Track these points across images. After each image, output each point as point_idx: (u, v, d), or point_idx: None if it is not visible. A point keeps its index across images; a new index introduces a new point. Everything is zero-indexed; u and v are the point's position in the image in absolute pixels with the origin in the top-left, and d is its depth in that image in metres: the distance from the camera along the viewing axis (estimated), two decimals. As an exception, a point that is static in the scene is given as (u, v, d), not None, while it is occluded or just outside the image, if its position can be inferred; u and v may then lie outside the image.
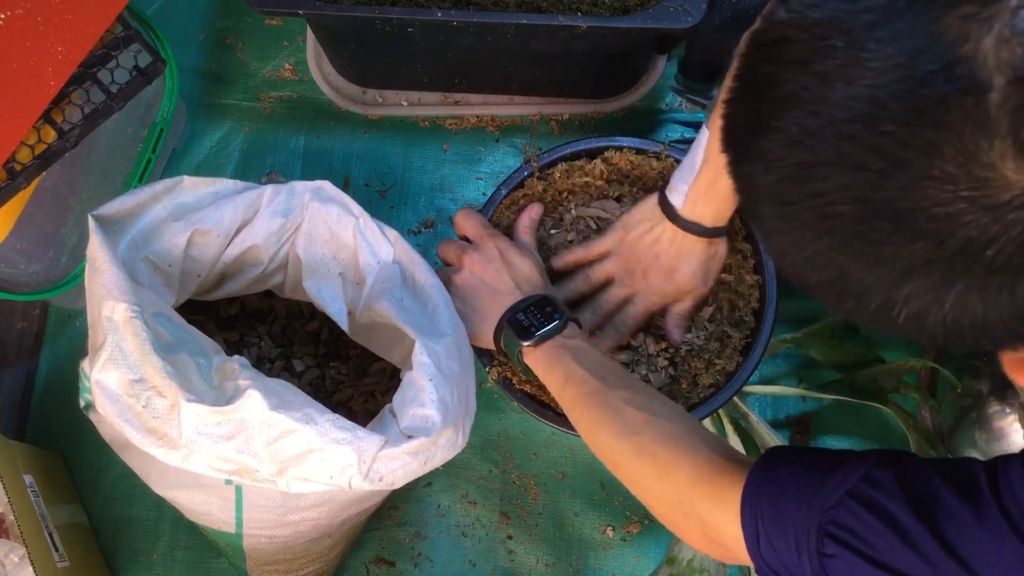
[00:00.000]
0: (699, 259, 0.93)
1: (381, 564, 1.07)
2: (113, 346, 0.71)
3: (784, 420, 1.12)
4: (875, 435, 1.11)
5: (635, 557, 1.07)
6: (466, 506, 1.09)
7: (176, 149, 1.23)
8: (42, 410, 1.13)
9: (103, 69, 0.93)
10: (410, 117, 1.26)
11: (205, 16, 1.31)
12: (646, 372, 0.97)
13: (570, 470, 1.10)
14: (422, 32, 1.07)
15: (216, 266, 0.88)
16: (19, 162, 0.89)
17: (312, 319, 1.07)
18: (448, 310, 0.88)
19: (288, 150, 1.25)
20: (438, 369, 0.79)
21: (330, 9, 1.04)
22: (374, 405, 1.02)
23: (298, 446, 0.72)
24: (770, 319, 0.95)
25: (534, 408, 0.93)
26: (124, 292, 0.73)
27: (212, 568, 1.07)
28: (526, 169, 1.01)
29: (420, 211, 1.22)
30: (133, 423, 0.71)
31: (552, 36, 1.06)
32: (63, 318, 1.17)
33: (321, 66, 1.27)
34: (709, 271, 0.95)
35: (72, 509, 1.05)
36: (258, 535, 0.86)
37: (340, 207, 0.89)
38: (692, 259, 0.93)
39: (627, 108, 1.26)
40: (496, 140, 1.25)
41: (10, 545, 0.88)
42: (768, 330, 0.94)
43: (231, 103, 1.27)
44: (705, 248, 0.92)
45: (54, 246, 1.01)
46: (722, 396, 0.93)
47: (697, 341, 0.98)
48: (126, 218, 0.82)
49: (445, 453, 0.78)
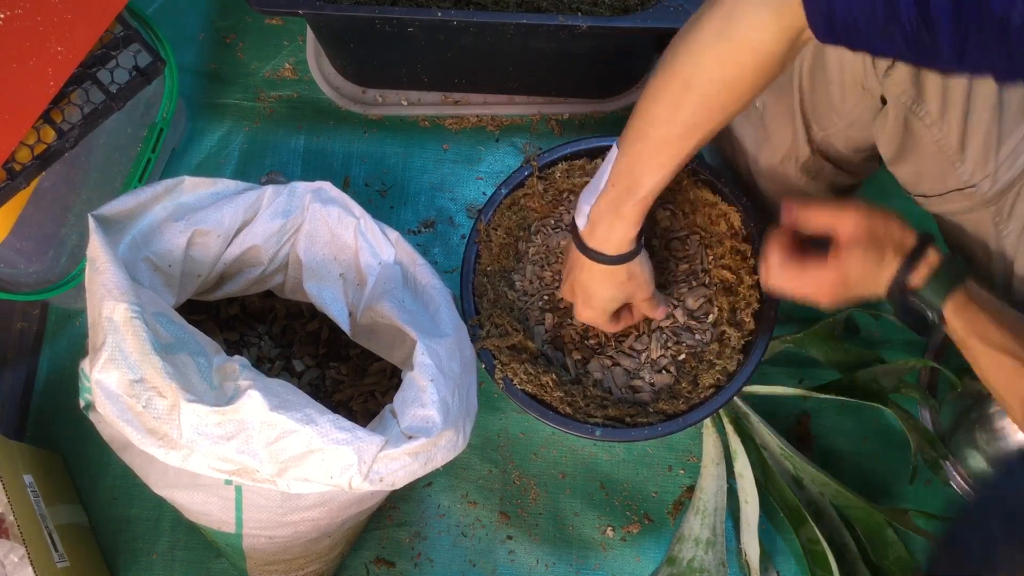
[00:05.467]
0: (614, 283, 0.88)
1: (381, 564, 1.07)
2: (113, 346, 0.71)
3: (784, 420, 1.12)
4: (875, 435, 1.11)
5: (635, 557, 1.07)
6: (466, 506, 1.09)
7: (176, 149, 1.23)
8: (42, 410, 1.13)
9: (103, 69, 0.93)
10: (410, 117, 1.26)
11: (205, 16, 1.31)
12: (649, 373, 0.97)
13: (570, 470, 1.10)
14: (422, 32, 1.07)
15: (216, 266, 0.88)
16: (19, 162, 0.89)
17: (312, 319, 1.07)
18: (449, 310, 0.88)
19: (288, 150, 1.25)
20: (439, 370, 0.79)
21: (330, 9, 1.04)
22: (374, 405, 1.02)
23: (298, 446, 0.72)
24: (770, 319, 0.95)
25: (534, 408, 0.93)
26: (124, 292, 0.73)
27: (212, 568, 1.07)
28: (526, 169, 1.01)
29: (420, 211, 1.22)
30: (133, 423, 0.71)
31: (552, 36, 1.06)
32: (63, 318, 1.17)
33: (321, 66, 1.27)
34: (631, 291, 0.90)
35: (72, 509, 1.05)
36: (258, 535, 0.86)
37: (341, 208, 0.89)
38: (606, 286, 0.88)
39: (627, 108, 1.25)
40: (496, 140, 1.25)
41: (10, 545, 0.88)
42: (768, 330, 0.94)
43: (231, 103, 1.27)
44: (614, 274, 0.87)
45: (54, 246, 1.01)
46: (723, 396, 0.93)
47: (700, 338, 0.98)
48: (126, 218, 0.82)
49: (446, 454, 0.78)
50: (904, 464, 1.08)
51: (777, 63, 0.70)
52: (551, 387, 0.93)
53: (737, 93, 0.73)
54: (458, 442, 0.79)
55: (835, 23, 0.62)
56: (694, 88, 0.73)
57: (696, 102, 0.74)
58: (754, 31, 0.68)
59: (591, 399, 0.95)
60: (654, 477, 1.10)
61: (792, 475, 1.06)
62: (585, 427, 0.92)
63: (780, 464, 1.07)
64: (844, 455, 1.10)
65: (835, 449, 1.11)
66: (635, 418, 0.93)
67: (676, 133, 0.76)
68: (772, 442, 1.07)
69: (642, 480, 1.10)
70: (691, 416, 0.93)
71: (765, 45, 0.69)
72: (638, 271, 0.88)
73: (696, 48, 0.72)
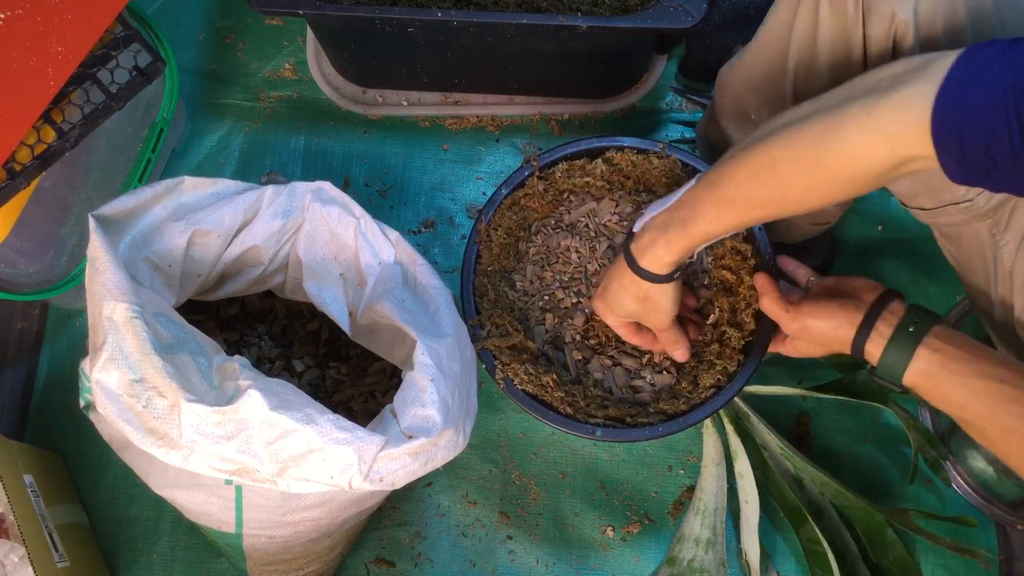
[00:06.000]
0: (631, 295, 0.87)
1: (381, 564, 1.07)
2: (113, 346, 0.71)
3: (784, 420, 1.12)
4: (875, 435, 1.11)
5: (635, 557, 1.07)
6: (466, 506, 1.09)
7: (176, 149, 1.23)
8: (42, 410, 1.13)
9: (103, 69, 0.93)
10: (410, 117, 1.26)
11: (205, 16, 1.31)
12: (650, 373, 0.97)
13: (570, 470, 1.10)
14: (422, 32, 1.07)
15: (216, 266, 0.88)
16: (19, 162, 0.89)
17: (312, 319, 1.07)
18: (449, 310, 0.88)
19: (288, 150, 1.25)
20: (439, 370, 0.79)
21: (330, 9, 1.04)
22: (374, 405, 1.02)
23: (298, 446, 0.72)
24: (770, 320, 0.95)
25: (535, 408, 0.93)
26: (124, 292, 0.73)
27: (212, 568, 1.07)
28: (526, 169, 1.01)
29: (420, 211, 1.22)
30: (133, 423, 0.71)
31: (552, 36, 1.06)
32: (63, 318, 1.17)
33: (321, 66, 1.27)
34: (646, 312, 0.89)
35: (72, 509, 1.05)
36: (258, 535, 0.86)
37: (341, 208, 0.89)
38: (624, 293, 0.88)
39: (627, 108, 1.26)
40: (496, 140, 1.25)
41: (10, 545, 0.88)
42: (768, 331, 0.94)
43: (231, 103, 1.27)
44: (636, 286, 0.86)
45: (54, 246, 1.01)
46: (723, 396, 0.93)
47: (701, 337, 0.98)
48: (127, 218, 0.82)
49: (446, 454, 0.78)
50: (904, 464, 1.08)
51: (871, 182, 0.68)
52: (551, 387, 0.93)
53: (818, 195, 0.71)
54: (458, 442, 0.79)
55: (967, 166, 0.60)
56: (779, 174, 0.70)
57: (774, 186, 0.71)
58: (859, 150, 0.65)
59: (592, 399, 0.95)
60: (654, 477, 1.10)
61: (792, 475, 1.06)
62: (585, 427, 0.92)
63: (780, 464, 1.07)
64: (844, 455, 1.10)
65: (835, 449, 1.11)
66: (635, 418, 0.93)
67: (743, 200, 0.74)
68: (772, 442, 1.07)
69: (642, 480, 1.10)
70: (691, 416, 0.93)
71: (866, 165, 0.66)
72: (658, 298, 0.87)
73: (793, 140, 0.69)
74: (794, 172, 0.70)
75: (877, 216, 1.20)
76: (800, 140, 0.69)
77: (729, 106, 0.98)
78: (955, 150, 0.60)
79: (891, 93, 0.62)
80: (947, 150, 0.60)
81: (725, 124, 1.00)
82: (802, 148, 0.69)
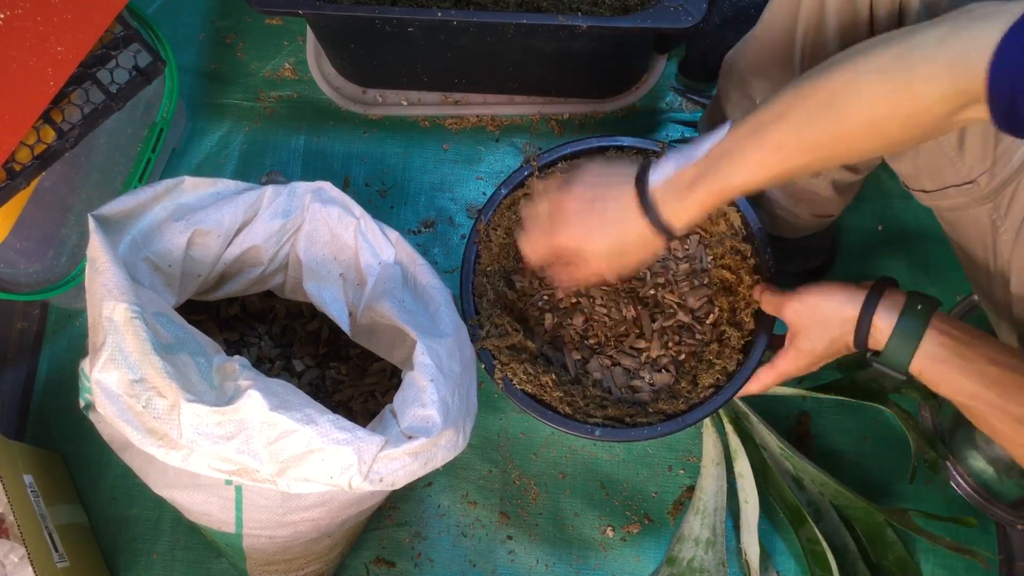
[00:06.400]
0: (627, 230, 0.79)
1: (381, 564, 1.07)
2: (113, 346, 0.71)
3: (784, 420, 1.12)
4: (875, 435, 1.11)
5: (635, 557, 1.07)
6: (466, 506, 1.09)
7: (176, 149, 1.23)
8: (42, 410, 1.13)
9: (103, 69, 0.93)
10: (410, 117, 1.26)
11: (205, 16, 1.31)
12: (649, 373, 0.97)
13: (570, 470, 1.10)
14: (422, 32, 1.07)
15: (216, 266, 0.88)
16: (19, 162, 0.89)
17: (312, 319, 1.07)
18: (449, 310, 0.88)
19: (288, 150, 1.25)
20: (439, 370, 0.79)
21: (330, 9, 1.04)
22: (374, 405, 1.02)
23: (298, 446, 0.72)
24: (769, 319, 0.95)
25: (534, 408, 0.93)
26: (124, 292, 0.73)
27: (212, 568, 1.07)
28: (526, 169, 1.01)
29: (420, 211, 1.22)
30: (133, 423, 0.71)
31: (552, 36, 1.06)
32: (63, 318, 1.17)
33: (321, 66, 1.27)
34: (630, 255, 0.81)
35: (72, 509, 1.05)
36: (258, 535, 0.86)
37: (341, 208, 0.89)
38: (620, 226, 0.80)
39: (627, 108, 1.26)
40: (496, 140, 1.25)
41: (10, 545, 0.88)
42: (768, 330, 0.94)
43: (231, 103, 1.27)
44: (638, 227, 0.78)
45: (54, 246, 1.01)
46: (722, 396, 0.93)
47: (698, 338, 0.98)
48: (126, 218, 0.82)
49: (446, 454, 0.78)
50: (904, 464, 1.08)
51: (930, 123, 0.65)
52: (551, 387, 0.93)
53: (873, 133, 0.67)
54: (458, 442, 0.79)
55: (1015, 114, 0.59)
56: (836, 108, 0.67)
57: (831, 123, 0.67)
58: (923, 81, 0.63)
59: (591, 399, 0.95)
60: (654, 477, 1.10)
61: (792, 475, 1.06)
62: (585, 427, 0.92)
63: (780, 464, 1.07)
64: (844, 455, 1.10)
65: (835, 449, 1.11)
66: (635, 418, 0.93)
67: (793, 144, 0.69)
68: (772, 442, 1.07)
69: (642, 480, 1.10)
70: (691, 416, 0.93)
71: (928, 98, 0.63)
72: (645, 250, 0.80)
73: (855, 71, 0.66)
74: (854, 107, 0.66)
75: (877, 216, 1.20)
76: (861, 72, 0.66)
77: (733, 92, 0.97)
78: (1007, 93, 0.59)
79: (965, 28, 0.61)
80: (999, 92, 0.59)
81: (730, 112, 0.99)
82: (863, 82, 0.65)
